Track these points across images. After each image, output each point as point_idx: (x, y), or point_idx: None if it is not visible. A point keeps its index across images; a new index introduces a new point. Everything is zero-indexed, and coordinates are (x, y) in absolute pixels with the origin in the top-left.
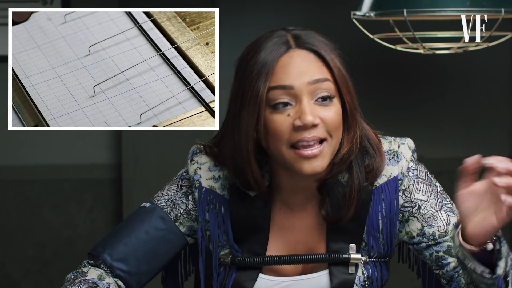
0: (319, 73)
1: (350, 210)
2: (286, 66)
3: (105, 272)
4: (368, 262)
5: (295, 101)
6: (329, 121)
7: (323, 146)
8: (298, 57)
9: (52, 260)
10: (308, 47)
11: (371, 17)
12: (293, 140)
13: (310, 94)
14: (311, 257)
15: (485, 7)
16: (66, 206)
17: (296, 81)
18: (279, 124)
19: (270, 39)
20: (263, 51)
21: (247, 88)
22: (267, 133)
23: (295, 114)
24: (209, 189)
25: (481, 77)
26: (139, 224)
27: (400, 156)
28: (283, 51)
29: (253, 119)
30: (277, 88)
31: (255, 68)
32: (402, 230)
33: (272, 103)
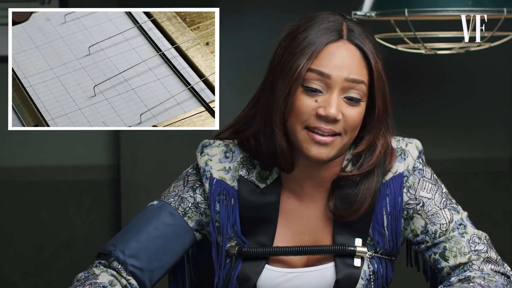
0: (358, 73)
1: (361, 210)
2: (331, 54)
3: (117, 273)
4: (373, 257)
5: (327, 90)
6: (349, 120)
7: (335, 138)
8: (345, 50)
9: (50, 262)
10: (358, 44)
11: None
12: (310, 124)
13: (342, 90)
14: (317, 249)
15: (487, 7)
16: (64, 208)
17: (335, 73)
18: (304, 105)
19: (326, 20)
20: (315, 30)
21: (289, 60)
22: (291, 108)
23: (322, 102)
24: (220, 180)
25: (483, 77)
26: (149, 221)
27: (407, 153)
28: (334, 39)
29: (285, 91)
30: (316, 72)
31: (302, 43)
32: (407, 228)
33: (305, 84)
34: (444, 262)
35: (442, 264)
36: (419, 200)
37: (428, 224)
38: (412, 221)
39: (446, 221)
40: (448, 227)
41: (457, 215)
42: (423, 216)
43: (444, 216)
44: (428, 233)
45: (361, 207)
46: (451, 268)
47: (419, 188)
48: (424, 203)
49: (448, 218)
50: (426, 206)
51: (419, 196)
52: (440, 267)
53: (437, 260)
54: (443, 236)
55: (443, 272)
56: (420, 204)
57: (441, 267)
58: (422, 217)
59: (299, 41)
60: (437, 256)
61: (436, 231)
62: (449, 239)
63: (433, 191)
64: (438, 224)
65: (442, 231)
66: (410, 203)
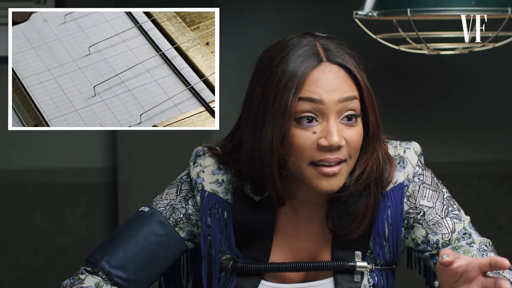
0: (349, 91)
1: (360, 228)
2: (317, 80)
3: (103, 280)
4: (374, 270)
5: (322, 117)
6: (352, 143)
7: (341, 166)
8: (330, 73)
9: (46, 267)
10: (339, 62)
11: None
12: (315, 159)
13: (338, 113)
14: (315, 265)
15: (491, 7)
16: (60, 211)
17: (326, 97)
18: (303, 140)
19: (298, 46)
20: (292, 60)
21: (274, 98)
22: (290, 147)
23: (321, 133)
24: (212, 193)
25: (487, 78)
26: (138, 230)
27: (406, 161)
28: (315, 64)
29: (280, 132)
30: (306, 100)
31: (283, 78)
32: (407, 237)
33: (298, 116)
34: None
35: None
36: (419, 209)
37: (429, 234)
38: (413, 230)
39: (448, 230)
40: (451, 237)
41: (459, 224)
42: (424, 226)
43: (446, 225)
44: (430, 243)
45: (360, 225)
46: None
47: (419, 196)
48: (425, 212)
49: (450, 227)
50: (427, 215)
51: (419, 205)
52: None
53: None
54: (448, 245)
55: None
56: (420, 214)
57: None
58: (423, 227)
59: (279, 76)
60: None
61: (438, 241)
62: (457, 249)
63: (433, 198)
64: (440, 234)
65: (444, 241)
66: (410, 212)
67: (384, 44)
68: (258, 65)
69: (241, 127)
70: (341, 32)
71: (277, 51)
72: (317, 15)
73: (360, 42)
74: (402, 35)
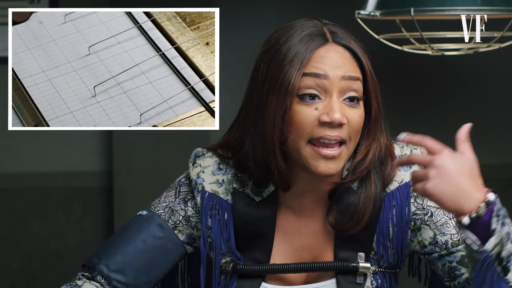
0: (353, 71)
1: (363, 221)
2: (323, 57)
3: (101, 285)
4: (377, 272)
5: (325, 95)
6: (353, 123)
7: (341, 149)
8: (335, 52)
9: (40, 273)
10: (345, 44)
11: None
12: (315, 135)
13: (341, 91)
14: (317, 265)
15: (496, 6)
16: (54, 216)
17: (331, 73)
18: (304, 116)
19: (305, 26)
20: (298, 38)
21: (278, 74)
22: (290, 123)
23: (323, 109)
24: (212, 193)
25: (493, 79)
26: (136, 233)
27: None
28: (321, 44)
29: (282, 107)
30: (311, 75)
31: (288, 54)
32: (414, 239)
33: (301, 93)
34: (465, 268)
35: (462, 271)
36: (427, 210)
37: (437, 235)
38: (420, 232)
39: (457, 230)
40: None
41: None
42: (431, 227)
43: (454, 225)
44: (438, 244)
45: (362, 217)
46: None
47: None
48: (433, 213)
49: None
50: (434, 216)
51: (427, 206)
52: (459, 273)
53: (455, 267)
54: (458, 245)
55: (461, 278)
56: (428, 214)
57: (461, 273)
58: (430, 228)
59: (284, 53)
60: (454, 264)
61: (447, 241)
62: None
63: None
64: (448, 234)
65: (454, 241)
66: (417, 214)
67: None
68: (264, 45)
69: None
70: None
71: (283, 31)
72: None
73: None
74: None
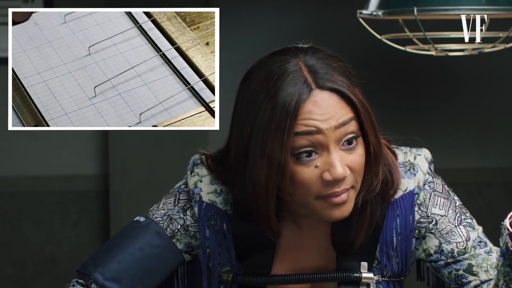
0: (344, 115)
1: (359, 238)
2: (310, 112)
3: None
4: (380, 281)
5: (321, 148)
6: (356, 168)
7: (349, 192)
8: (322, 102)
9: (34, 279)
10: (330, 86)
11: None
12: (323, 193)
13: (337, 140)
14: (319, 276)
15: (502, 6)
16: (49, 221)
17: (323, 126)
18: (307, 177)
19: (285, 76)
20: (281, 94)
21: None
22: (293, 184)
23: (323, 166)
24: (210, 204)
25: (498, 80)
26: (133, 240)
27: (417, 168)
28: (305, 96)
29: (277, 175)
30: (303, 134)
31: (274, 115)
32: (418, 248)
33: (296, 152)
34: (473, 276)
35: (469, 278)
36: (431, 218)
37: (442, 244)
38: (425, 240)
39: (463, 239)
40: (466, 245)
41: (473, 232)
42: (436, 235)
43: (460, 234)
44: (444, 252)
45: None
46: (482, 282)
47: (430, 204)
48: (437, 221)
49: (464, 236)
50: (439, 224)
51: (431, 214)
52: (466, 281)
53: (462, 275)
54: (465, 254)
55: (468, 286)
56: (433, 223)
57: (468, 281)
58: (435, 236)
59: (268, 114)
60: (460, 272)
61: (453, 250)
62: (475, 257)
63: (446, 206)
64: (454, 243)
65: (460, 249)
66: (422, 222)
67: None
68: (243, 94)
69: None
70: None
71: (261, 82)
72: (319, 14)
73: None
74: (408, 35)
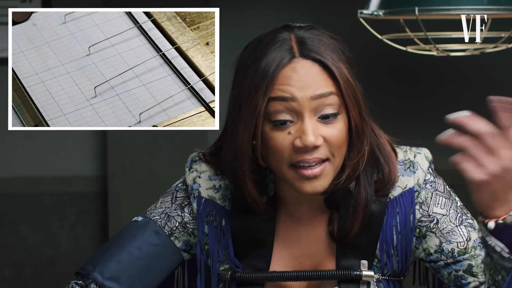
0: (323, 87)
1: (355, 225)
2: (288, 78)
3: None
4: (381, 280)
5: (297, 117)
6: (332, 141)
7: (324, 165)
8: (302, 69)
9: (32, 282)
10: (313, 56)
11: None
12: (293, 160)
13: (313, 111)
14: (319, 274)
15: (504, 5)
16: (47, 222)
17: (299, 94)
18: (279, 142)
19: (273, 43)
20: (264, 58)
21: (245, 99)
22: (266, 149)
23: (296, 133)
24: (209, 199)
25: (500, 81)
26: (132, 240)
27: (417, 166)
28: (286, 62)
29: (250, 134)
30: (278, 99)
31: (254, 78)
32: (419, 247)
33: (272, 119)
34: (472, 277)
35: (468, 280)
36: (432, 217)
37: (443, 243)
38: (425, 239)
39: (464, 239)
40: (467, 245)
41: (474, 233)
42: (437, 235)
43: (461, 233)
44: (444, 252)
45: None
46: (481, 283)
47: (432, 203)
48: (438, 220)
49: (465, 236)
50: (440, 223)
51: (432, 213)
52: (466, 282)
53: (461, 276)
54: (465, 254)
55: (467, 287)
56: (434, 222)
57: (467, 282)
58: (436, 236)
59: (251, 75)
60: (460, 273)
61: (453, 250)
62: (475, 257)
63: (447, 206)
64: (454, 242)
65: (460, 249)
66: (423, 221)
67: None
68: (236, 64)
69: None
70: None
71: (251, 49)
72: (319, 14)
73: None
74: (409, 35)
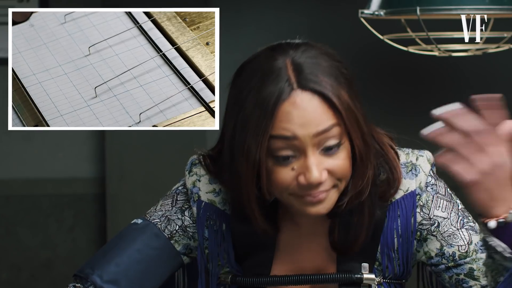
0: (325, 121)
1: (358, 242)
2: (288, 114)
3: None
4: (382, 283)
5: (299, 153)
6: (337, 171)
7: (329, 191)
8: (302, 103)
9: (29, 284)
10: (312, 87)
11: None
12: (298, 193)
13: (316, 145)
14: (320, 277)
15: (506, 5)
16: (44, 225)
17: (300, 132)
18: (283, 177)
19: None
20: (262, 91)
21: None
22: (269, 181)
23: (299, 168)
24: (208, 203)
25: (502, 81)
26: (131, 242)
27: (419, 169)
28: (285, 97)
29: (253, 174)
30: (279, 138)
31: (253, 114)
32: (420, 250)
33: (274, 154)
34: (474, 281)
35: (470, 283)
36: (433, 220)
37: (444, 247)
38: (426, 243)
39: (465, 242)
40: (468, 248)
41: (476, 236)
42: (438, 238)
43: (462, 237)
44: (445, 255)
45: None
46: (483, 286)
47: (433, 206)
48: (440, 223)
49: (466, 239)
50: (441, 226)
51: (433, 216)
52: (467, 286)
53: (463, 280)
54: (466, 258)
55: None
56: (435, 225)
57: (468, 286)
58: (437, 239)
59: (249, 112)
60: (461, 276)
61: (454, 253)
62: (476, 261)
63: (448, 209)
64: (456, 246)
65: (461, 253)
66: (424, 224)
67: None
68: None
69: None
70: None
71: (246, 78)
72: (319, 14)
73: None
74: (411, 35)
